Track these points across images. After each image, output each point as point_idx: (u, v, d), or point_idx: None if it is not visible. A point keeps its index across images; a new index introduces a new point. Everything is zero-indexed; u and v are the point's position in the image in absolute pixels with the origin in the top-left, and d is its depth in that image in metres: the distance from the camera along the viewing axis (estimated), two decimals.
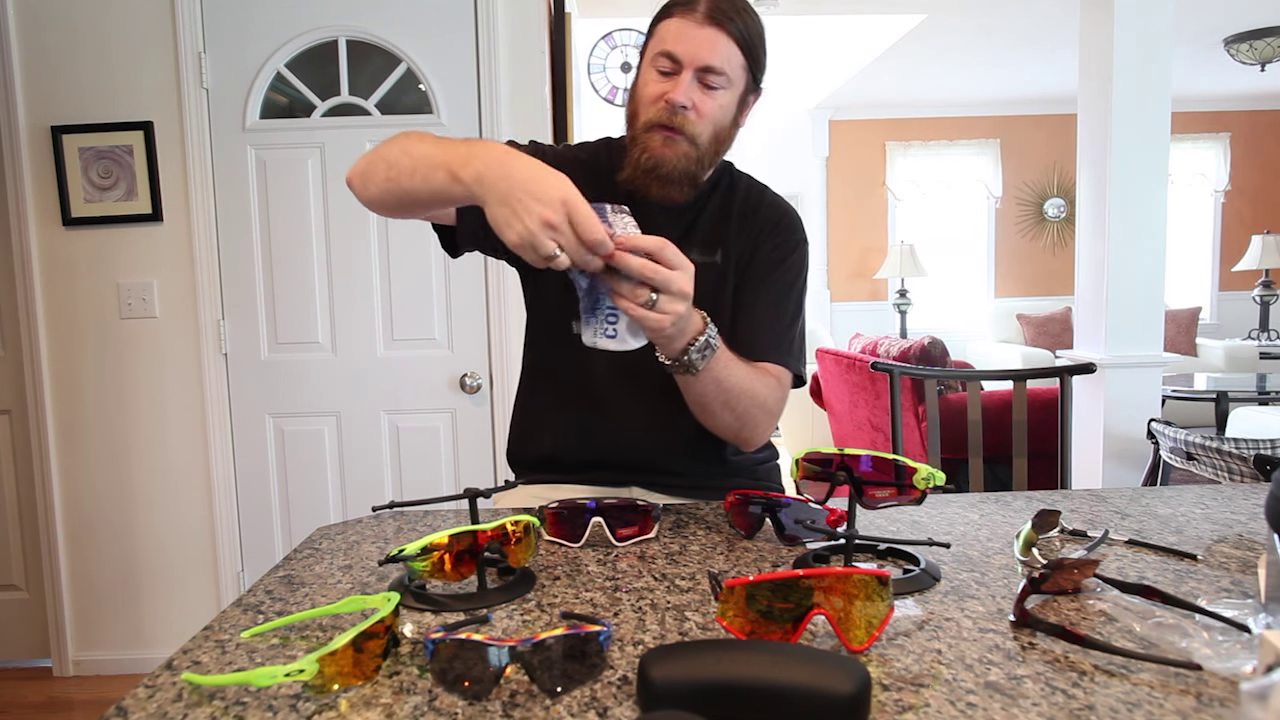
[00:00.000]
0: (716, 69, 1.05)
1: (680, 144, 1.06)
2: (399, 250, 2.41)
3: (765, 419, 1.08)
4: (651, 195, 1.09)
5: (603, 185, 1.14)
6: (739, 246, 1.16)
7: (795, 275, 1.17)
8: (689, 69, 1.05)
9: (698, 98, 1.06)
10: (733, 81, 1.08)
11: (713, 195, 1.17)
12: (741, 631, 0.62)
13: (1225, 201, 6.71)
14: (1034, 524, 0.84)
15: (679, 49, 1.05)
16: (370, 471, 2.47)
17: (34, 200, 2.36)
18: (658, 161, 1.06)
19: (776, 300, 1.15)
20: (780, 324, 1.14)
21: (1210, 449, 2.21)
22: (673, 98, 1.05)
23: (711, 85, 1.06)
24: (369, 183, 1.02)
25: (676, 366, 0.95)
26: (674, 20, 1.06)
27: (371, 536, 0.96)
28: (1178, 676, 0.57)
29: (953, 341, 6.34)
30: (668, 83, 1.06)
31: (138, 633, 2.49)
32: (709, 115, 1.07)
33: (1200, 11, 4.26)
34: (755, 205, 1.19)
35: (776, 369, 1.10)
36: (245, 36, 2.34)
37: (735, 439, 1.10)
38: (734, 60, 1.06)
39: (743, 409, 1.04)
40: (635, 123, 1.10)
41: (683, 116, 1.05)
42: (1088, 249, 3.06)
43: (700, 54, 1.04)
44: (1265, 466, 2.03)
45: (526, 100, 2.36)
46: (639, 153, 1.08)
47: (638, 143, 1.09)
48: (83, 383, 2.42)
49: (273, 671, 0.55)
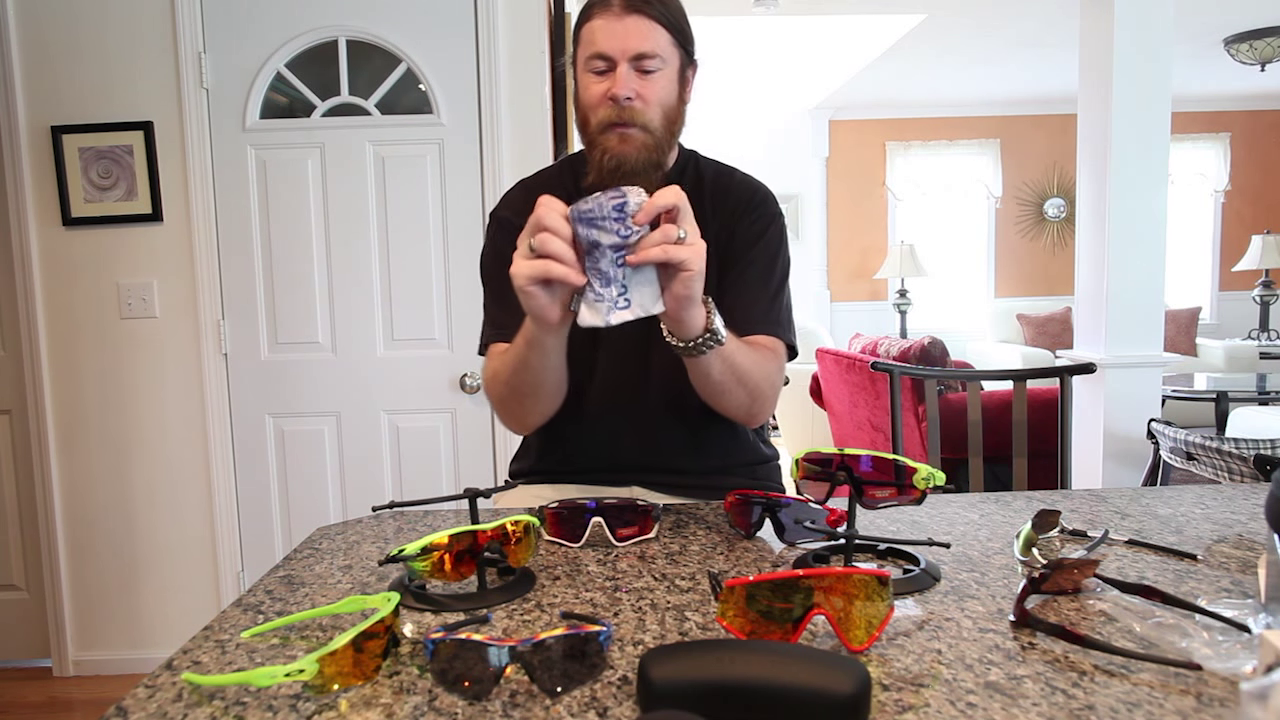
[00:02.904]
0: (648, 53, 1.07)
1: (635, 136, 1.08)
2: (399, 250, 2.41)
3: (772, 393, 1.10)
4: None
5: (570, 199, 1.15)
6: (714, 230, 1.16)
7: (776, 248, 1.18)
8: (622, 61, 1.07)
9: (638, 85, 1.08)
10: (667, 61, 1.09)
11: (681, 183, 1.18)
12: (741, 631, 0.62)
13: (1225, 201, 6.71)
14: (1034, 524, 0.84)
15: (607, 46, 1.07)
16: (370, 471, 2.47)
17: (34, 200, 2.36)
18: (620, 160, 1.08)
19: (762, 274, 1.16)
20: (766, 296, 1.15)
21: (1210, 449, 2.21)
22: (615, 92, 1.07)
23: (648, 69, 1.08)
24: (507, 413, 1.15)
25: (690, 348, 0.94)
26: (595, 21, 1.09)
27: (371, 536, 0.96)
28: (1178, 676, 0.57)
29: (953, 341, 6.34)
30: (606, 80, 1.08)
31: (138, 633, 2.49)
32: (654, 99, 1.09)
33: (1200, 11, 4.26)
34: (726, 187, 1.20)
35: (770, 340, 1.12)
36: (245, 36, 2.34)
37: (746, 416, 1.11)
38: (662, 40, 1.08)
39: (753, 384, 1.05)
40: (588, 129, 1.12)
41: (629, 108, 1.07)
42: (1088, 249, 3.06)
43: (629, 44, 1.07)
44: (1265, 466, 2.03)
45: (526, 100, 2.36)
46: (599, 155, 1.10)
47: (596, 146, 1.10)
48: (83, 383, 2.42)
49: (273, 671, 0.55)
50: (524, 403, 1.10)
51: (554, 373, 1.06)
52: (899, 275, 6.26)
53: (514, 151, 2.37)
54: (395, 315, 2.43)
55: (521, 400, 1.10)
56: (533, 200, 1.03)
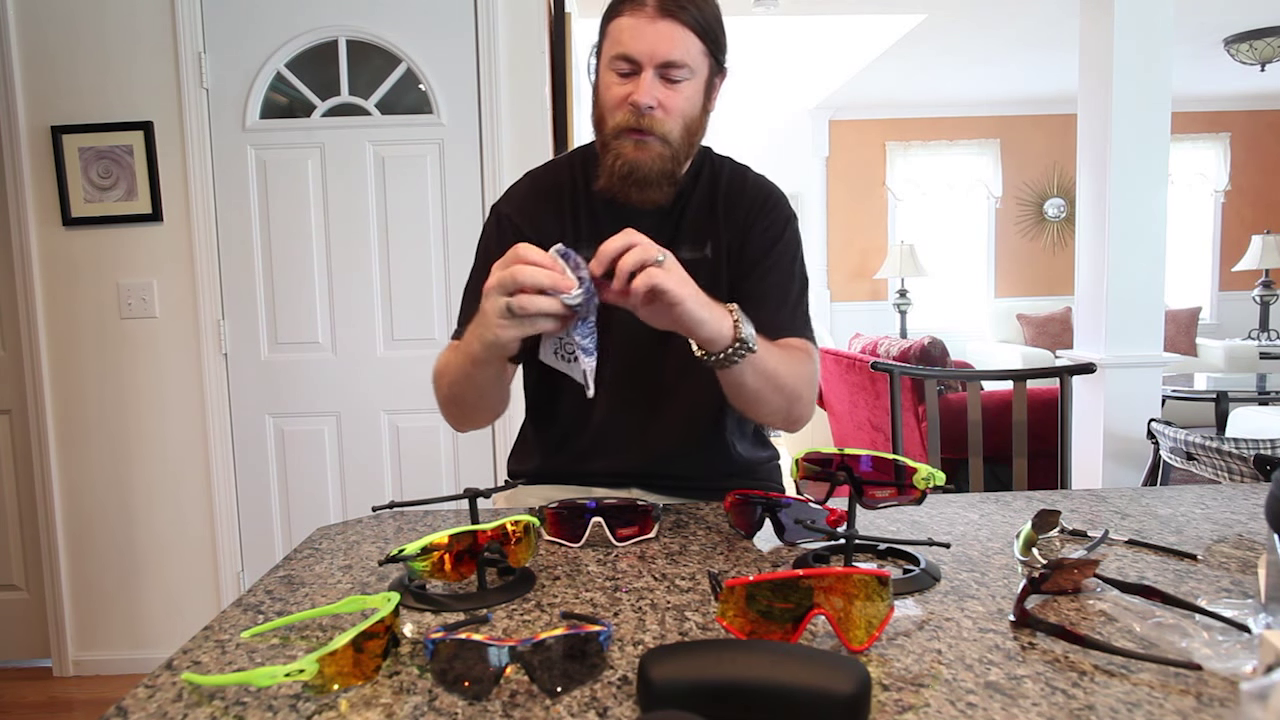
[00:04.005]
0: (677, 63, 1.01)
1: (653, 145, 1.04)
2: (399, 250, 2.41)
3: (810, 394, 1.07)
4: (631, 200, 1.07)
5: (578, 200, 1.14)
6: (728, 235, 1.14)
7: (794, 250, 1.16)
8: (649, 68, 1.01)
9: (662, 95, 1.02)
10: (695, 71, 1.04)
11: (695, 188, 1.15)
12: (741, 631, 0.62)
13: (1225, 201, 6.71)
14: (1034, 524, 0.84)
15: (635, 49, 1.01)
16: (370, 471, 2.47)
17: (34, 200, 2.36)
18: (633, 167, 1.04)
19: (782, 279, 1.13)
20: (790, 300, 1.12)
21: (1210, 449, 2.21)
22: (637, 99, 1.01)
23: (674, 79, 1.02)
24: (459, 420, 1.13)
25: (721, 360, 0.92)
26: (625, 19, 1.02)
27: (371, 536, 0.96)
28: (1178, 676, 0.57)
29: (953, 341, 6.34)
30: (629, 84, 1.03)
31: (138, 633, 2.49)
32: (677, 110, 1.04)
33: (1200, 11, 4.26)
34: (739, 189, 1.16)
35: (799, 341, 1.09)
36: (245, 36, 2.34)
37: (785, 421, 1.07)
38: (693, 49, 1.02)
39: (789, 388, 1.02)
40: (603, 129, 1.07)
41: (650, 117, 1.02)
42: (1088, 249, 3.06)
43: (658, 51, 1.00)
44: (1265, 466, 2.03)
45: (526, 100, 2.36)
46: (612, 159, 1.05)
47: (609, 149, 1.06)
48: (83, 383, 2.42)
49: (273, 671, 0.55)
50: (463, 410, 1.10)
51: (497, 390, 1.06)
52: (899, 275, 6.25)
53: (514, 151, 2.37)
54: (395, 315, 2.43)
55: (460, 407, 1.10)
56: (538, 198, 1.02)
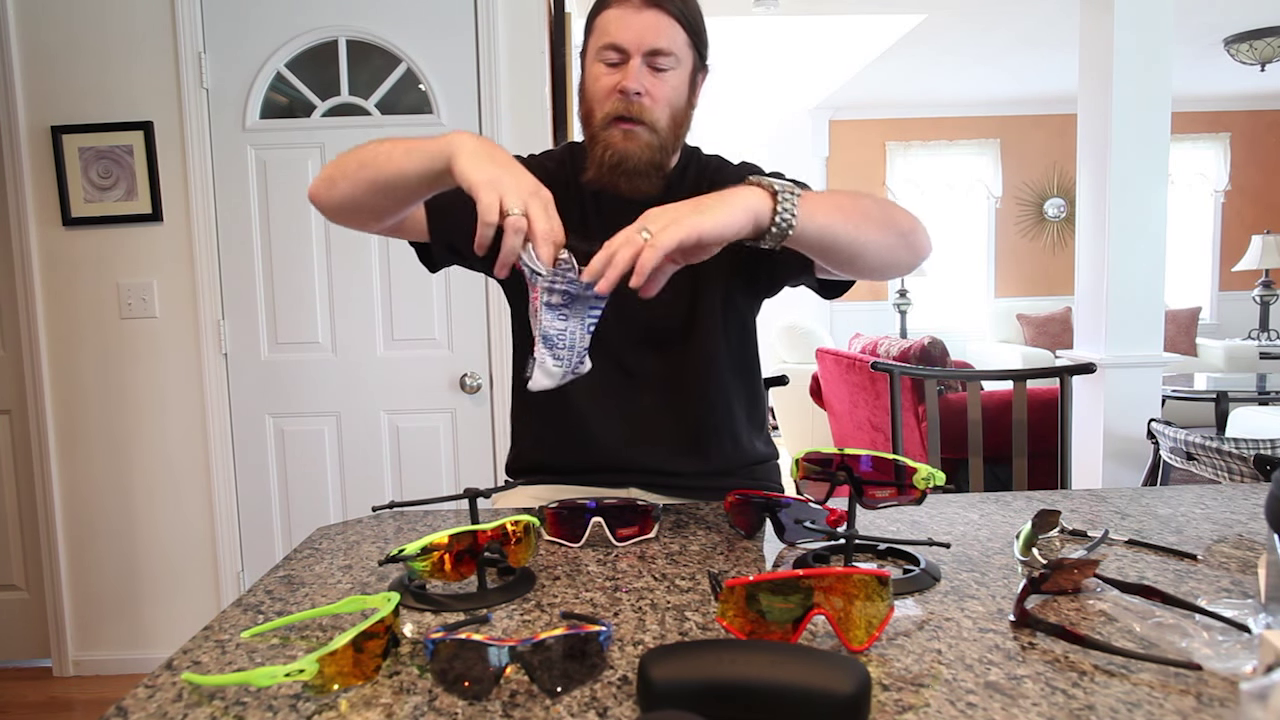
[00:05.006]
0: (664, 50, 1.04)
1: (641, 134, 1.06)
2: (399, 250, 2.41)
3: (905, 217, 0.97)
4: (620, 190, 1.08)
5: (570, 190, 1.14)
6: None
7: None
8: (636, 55, 1.04)
9: (649, 82, 1.05)
10: (680, 61, 1.07)
11: (682, 182, 1.16)
12: (741, 631, 0.62)
13: (1225, 201, 6.71)
14: (1034, 524, 0.84)
15: (623, 37, 1.04)
16: (370, 471, 2.47)
17: (34, 200, 2.36)
18: (622, 156, 1.06)
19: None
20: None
21: (1210, 449, 2.21)
22: (626, 85, 1.04)
23: (661, 68, 1.05)
24: (337, 182, 1.02)
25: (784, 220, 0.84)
26: (612, 10, 1.05)
27: (371, 536, 0.96)
28: (1178, 676, 0.57)
29: (953, 341, 6.34)
30: (617, 73, 1.06)
31: (138, 633, 2.49)
32: (663, 98, 1.06)
33: (1200, 11, 4.26)
34: (724, 178, 1.16)
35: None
36: (245, 36, 2.34)
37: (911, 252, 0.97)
38: (679, 39, 1.06)
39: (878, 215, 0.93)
40: (592, 121, 1.09)
41: (638, 104, 1.05)
42: (1088, 249, 3.06)
43: (645, 38, 1.04)
44: (1265, 466, 2.03)
45: (526, 100, 2.36)
46: (601, 150, 1.07)
47: (598, 140, 1.08)
48: (83, 383, 2.42)
49: (273, 671, 0.55)
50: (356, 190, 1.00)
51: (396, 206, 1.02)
52: None
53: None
54: (395, 315, 2.43)
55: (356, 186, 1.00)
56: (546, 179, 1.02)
